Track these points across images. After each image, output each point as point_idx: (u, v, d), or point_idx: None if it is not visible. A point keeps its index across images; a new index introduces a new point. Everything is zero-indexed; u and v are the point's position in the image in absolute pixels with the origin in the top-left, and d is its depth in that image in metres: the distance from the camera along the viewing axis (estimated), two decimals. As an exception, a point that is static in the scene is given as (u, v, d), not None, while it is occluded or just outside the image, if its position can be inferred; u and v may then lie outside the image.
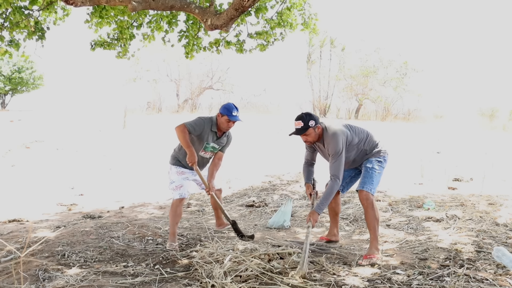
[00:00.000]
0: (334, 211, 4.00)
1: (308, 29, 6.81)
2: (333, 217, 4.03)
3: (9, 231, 4.28)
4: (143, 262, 3.36)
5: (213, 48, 6.54)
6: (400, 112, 23.14)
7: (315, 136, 3.54)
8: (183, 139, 3.66)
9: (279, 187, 6.72)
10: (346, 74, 23.16)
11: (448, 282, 2.82)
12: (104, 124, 14.00)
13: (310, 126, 3.46)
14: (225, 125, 3.78)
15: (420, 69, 22.46)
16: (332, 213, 4.02)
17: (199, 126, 3.73)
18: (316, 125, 3.50)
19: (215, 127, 3.82)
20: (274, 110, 22.81)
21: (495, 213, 4.57)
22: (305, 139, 3.56)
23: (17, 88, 23.40)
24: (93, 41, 6.26)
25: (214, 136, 3.85)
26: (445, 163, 7.99)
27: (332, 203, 3.89)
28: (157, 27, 6.29)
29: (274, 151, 9.90)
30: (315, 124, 3.48)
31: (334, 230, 4.02)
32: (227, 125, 3.79)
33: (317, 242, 3.93)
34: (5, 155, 9.10)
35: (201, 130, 3.74)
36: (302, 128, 3.47)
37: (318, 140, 3.59)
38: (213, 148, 3.89)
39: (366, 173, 3.59)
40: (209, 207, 5.69)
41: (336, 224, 4.03)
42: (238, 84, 24.94)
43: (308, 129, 3.46)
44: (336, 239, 4.00)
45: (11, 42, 5.39)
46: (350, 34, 39.13)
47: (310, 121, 3.47)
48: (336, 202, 3.95)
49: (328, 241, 3.99)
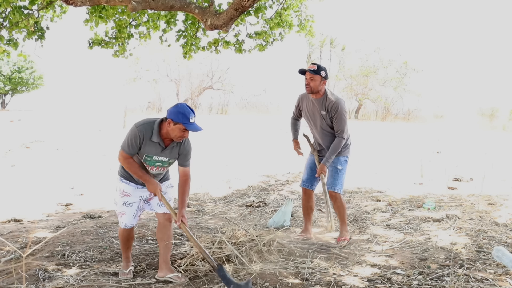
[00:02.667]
0: (311, 208, 4.15)
1: (304, 31, 6.80)
2: (308, 214, 4.15)
3: (9, 231, 4.28)
4: (143, 262, 3.36)
5: (212, 48, 6.53)
6: (400, 112, 23.15)
7: (317, 86, 3.77)
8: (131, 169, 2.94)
9: (279, 187, 6.72)
10: (346, 74, 23.17)
11: (448, 282, 2.82)
12: (104, 124, 14.00)
13: (321, 75, 3.75)
14: (178, 134, 2.88)
15: (420, 69, 22.48)
16: (309, 211, 4.15)
17: (132, 144, 2.90)
18: (324, 79, 3.78)
19: (157, 137, 2.91)
20: (274, 110, 22.80)
21: (495, 213, 4.57)
22: (308, 82, 3.78)
23: (17, 88, 23.39)
24: (91, 39, 6.25)
25: (157, 148, 2.95)
26: (445, 163, 7.99)
27: (306, 201, 4.13)
28: (153, 26, 6.29)
29: (274, 151, 9.90)
30: (325, 75, 3.78)
31: (309, 227, 4.15)
32: (180, 135, 2.89)
33: (317, 242, 3.94)
34: (5, 155, 9.09)
35: (137, 145, 2.91)
36: (315, 70, 3.74)
37: (317, 94, 3.82)
38: (161, 163, 3.03)
39: (336, 174, 3.94)
40: (209, 207, 5.69)
41: (310, 221, 4.17)
42: (238, 84, 24.88)
43: (318, 74, 3.74)
44: (310, 236, 4.08)
45: (9, 41, 5.39)
46: (350, 34, 39.16)
47: (322, 71, 3.77)
48: (310, 199, 4.13)
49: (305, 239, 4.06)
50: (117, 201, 3.13)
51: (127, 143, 2.91)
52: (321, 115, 3.85)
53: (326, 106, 3.79)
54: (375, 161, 8.57)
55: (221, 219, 5.00)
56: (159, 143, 2.94)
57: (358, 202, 5.44)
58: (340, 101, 3.80)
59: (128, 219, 3.11)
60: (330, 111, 3.78)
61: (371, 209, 5.08)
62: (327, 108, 3.78)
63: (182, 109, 2.86)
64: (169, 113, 2.87)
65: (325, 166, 3.85)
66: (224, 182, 7.10)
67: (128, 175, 3.07)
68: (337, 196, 3.95)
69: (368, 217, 4.79)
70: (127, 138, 2.92)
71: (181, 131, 2.88)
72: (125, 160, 2.93)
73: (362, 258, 3.44)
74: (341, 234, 4.00)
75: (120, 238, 3.22)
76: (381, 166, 8.09)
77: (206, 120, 16.65)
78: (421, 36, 41.84)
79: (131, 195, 3.09)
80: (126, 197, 3.08)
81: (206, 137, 12.05)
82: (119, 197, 3.11)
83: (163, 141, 2.95)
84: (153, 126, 2.92)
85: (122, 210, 3.11)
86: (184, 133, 2.90)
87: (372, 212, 4.96)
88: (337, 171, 3.93)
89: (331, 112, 3.77)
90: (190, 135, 2.97)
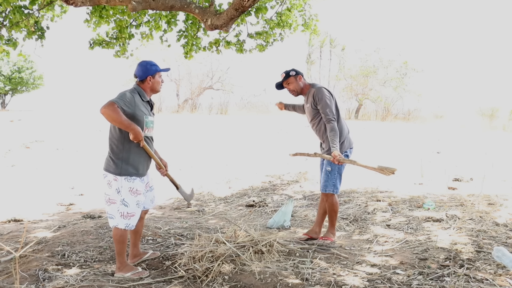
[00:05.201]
0: (324, 210, 4.10)
1: (308, 30, 6.83)
2: (321, 215, 4.13)
3: (9, 231, 4.28)
4: (143, 262, 3.36)
5: (213, 48, 6.54)
6: (400, 112, 23.17)
7: (297, 86, 3.91)
8: (119, 118, 2.83)
9: (279, 187, 6.72)
10: (346, 74, 23.19)
11: (448, 282, 2.82)
12: (104, 124, 13.99)
13: (290, 75, 3.89)
14: (160, 83, 3.16)
15: (420, 69, 22.52)
16: (322, 211, 4.13)
17: (130, 99, 2.96)
18: (297, 75, 3.90)
19: (145, 95, 3.11)
20: (274, 110, 22.78)
21: (495, 213, 4.57)
22: (288, 87, 3.94)
23: (17, 88, 23.40)
24: (92, 39, 6.26)
25: (148, 106, 3.14)
26: (445, 163, 7.99)
27: (321, 201, 4.09)
28: (155, 27, 6.30)
29: (274, 151, 9.90)
30: (295, 74, 3.89)
31: (316, 228, 4.12)
32: (161, 80, 3.18)
33: (317, 242, 3.94)
34: (5, 155, 9.09)
35: (133, 104, 2.97)
36: (284, 78, 3.91)
37: (303, 93, 3.95)
38: (151, 123, 3.14)
39: (326, 175, 3.89)
40: (209, 207, 5.70)
41: (321, 223, 4.14)
42: (238, 84, 24.95)
43: (289, 77, 3.89)
44: (316, 236, 4.06)
45: (8, 41, 5.39)
46: (350, 34, 39.17)
47: (290, 72, 3.90)
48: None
49: (310, 238, 4.03)
50: (127, 200, 2.98)
51: (122, 99, 2.92)
52: (308, 107, 3.94)
53: (312, 97, 3.85)
54: (375, 161, 8.56)
55: (222, 219, 5.00)
56: (148, 101, 3.15)
57: (358, 202, 5.44)
58: (319, 88, 3.85)
59: (135, 220, 3.06)
60: (314, 99, 3.83)
61: (371, 209, 5.08)
62: (313, 98, 3.84)
63: (148, 63, 3.12)
64: (143, 72, 3.09)
65: (336, 151, 3.63)
66: (224, 182, 7.10)
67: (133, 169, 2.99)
68: (329, 196, 3.92)
69: (368, 217, 4.79)
70: (122, 96, 2.95)
71: (160, 77, 3.16)
72: (115, 110, 2.82)
73: (362, 258, 3.44)
74: (326, 233, 3.99)
75: (121, 240, 3.04)
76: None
77: (206, 120, 16.67)
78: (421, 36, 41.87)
79: (142, 192, 3.07)
80: (139, 197, 3.03)
81: (206, 137, 12.06)
82: (131, 197, 2.99)
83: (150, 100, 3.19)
84: (139, 90, 3.10)
85: (133, 211, 3.02)
86: (161, 78, 3.19)
87: (372, 212, 4.97)
88: (327, 172, 3.88)
89: (315, 99, 3.82)
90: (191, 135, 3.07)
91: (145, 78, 3.08)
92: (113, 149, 3.00)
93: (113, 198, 2.99)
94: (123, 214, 2.99)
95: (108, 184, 3.00)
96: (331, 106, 3.77)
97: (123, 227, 3.01)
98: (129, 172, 2.99)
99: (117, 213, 3.00)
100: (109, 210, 3.03)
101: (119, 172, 2.96)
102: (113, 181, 2.98)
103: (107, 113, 2.81)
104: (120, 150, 2.98)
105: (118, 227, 3.02)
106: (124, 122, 2.84)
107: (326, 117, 3.76)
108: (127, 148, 2.98)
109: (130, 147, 2.98)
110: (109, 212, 3.03)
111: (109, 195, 3.01)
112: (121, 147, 2.98)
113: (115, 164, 2.97)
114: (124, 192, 2.98)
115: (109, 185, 3.00)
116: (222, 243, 3.29)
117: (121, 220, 3.00)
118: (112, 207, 3.00)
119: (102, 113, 2.83)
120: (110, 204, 3.01)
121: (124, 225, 3.01)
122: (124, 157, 2.97)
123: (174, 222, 4.77)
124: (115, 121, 2.85)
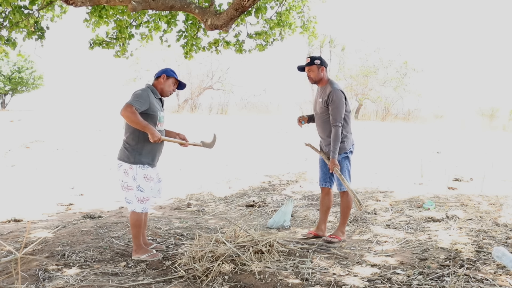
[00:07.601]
0: (327, 206, 4.14)
1: (307, 32, 6.81)
2: (324, 212, 4.15)
3: (9, 231, 4.28)
4: (143, 262, 3.36)
5: (213, 48, 6.54)
6: (400, 112, 23.16)
7: (317, 76, 3.95)
8: (136, 120, 3.14)
9: (279, 187, 6.72)
10: (346, 74, 23.17)
11: (448, 282, 2.82)
12: (104, 124, 13.99)
13: (315, 64, 3.92)
14: (171, 88, 3.46)
15: (420, 69, 22.50)
16: (324, 208, 4.15)
17: (144, 99, 3.24)
18: (321, 66, 3.93)
19: (158, 94, 3.44)
20: (274, 110, 22.82)
21: (495, 213, 4.57)
22: (308, 74, 3.98)
23: (17, 88, 23.37)
24: (92, 40, 6.26)
25: (159, 103, 3.44)
26: (445, 163, 7.99)
27: (322, 198, 4.14)
28: (155, 27, 6.29)
29: (274, 151, 9.90)
30: (320, 62, 3.93)
31: (322, 226, 4.14)
32: (173, 88, 3.48)
33: (317, 241, 3.94)
34: (5, 155, 9.09)
35: (148, 102, 3.26)
36: (308, 63, 3.94)
37: (321, 83, 3.99)
38: (163, 118, 3.49)
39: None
40: (209, 207, 5.70)
41: (325, 220, 4.17)
42: (238, 84, 24.89)
43: (312, 65, 3.92)
44: (323, 234, 4.10)
45: (7, 41, 5.39)
46: (350, 34, 39.18)
47: (316, 60, 3.94)
48: (327, 196, 4.13)
49: (316, 236, 4.07)
50: (143, 186, 3.29)
51: (137, 100, 3.19)
52: (319, 101, 3.96)
53: (327, 93, 3.88)
54: (375, 161, 8.57)
55: (222, 219, 5.00)
56: (160, 98, 3.45)
57: (358, 202, 5.44)
58: (336, 89, 3.86)
59: (150, 204, 3.40)
60: (328, 98, 3.86)
61: (371, 209, 5.08)
62: (327, 95, 3.87)
63: (170, 68, 3.46)
64: (161, 71, 3.43)
65: (334, 160, 3.83)
66: (224, 182, 7.10)
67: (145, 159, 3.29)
68: (345, 194, 3.98)
69: (368, 217, 4.79)
70: (137, 96, 3.22)
71: (174, 85, 3.47)
72: (133, 113, 3.13)
73: (362, 258, 3.44)
74: (336, 232, 4.04)
75: (138, 224, 3.34)
76: (381, 166, 8.09)
77: (206, 120, 16.66)
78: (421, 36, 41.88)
79: (153, 178, 3.37)
80: (152, 183, 3.35)
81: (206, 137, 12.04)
82: (146, 183, 3.31)
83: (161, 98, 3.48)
84: (152, 88, 3.41)
85: (148, 196, 3.34)
86: (175, 86, 3.49)
87: (372, 212, 4.97)
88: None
89: (329, 99, 3.86)
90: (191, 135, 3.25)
91: (160, 75, 3.41)
92: (129, 141, 3.33)
93: (130, 185, 3.31)
94: (140, 199, 3.32)
95: (125, 172, 3.31)
96: (342, 111, 3.85)
97: (140, 210, 3.33)
98: (142, 161, 3.30)
99: (135, 198, 3.32)
100: (127, 196, 3.35)
101: (133, 161, 3.29)
102: (129, 170, 3.29)
103: (126, 115, 3.15)
104: (136, 142, 3.30)
105: (135, 211, 3.33)
106: (141, 123, 3.16)
107: (334, 121, 3.84)
108: (141, 141, 3.29)
109: (144, 140, 3.28)
110: (128, 198, 3.35)
111: (126, 182, 3.32)
112: (136, 140, 3.30)
113: (130, 153, 3.30)
114: (139, 179, 3.29)
115: (126, 173, 3.31)
116: (222, 243, 3.30)
117: (138, 204, 3.32)
118: (130, 193, 3.32)
119: (122, 115, 3.17)
120: (128, 190, 3.33)
121: (141, 209, 3.33)
122: (139, 148, 3.30)
123: (174, 222, 4.77)
124: (133, 123, 3.17)
